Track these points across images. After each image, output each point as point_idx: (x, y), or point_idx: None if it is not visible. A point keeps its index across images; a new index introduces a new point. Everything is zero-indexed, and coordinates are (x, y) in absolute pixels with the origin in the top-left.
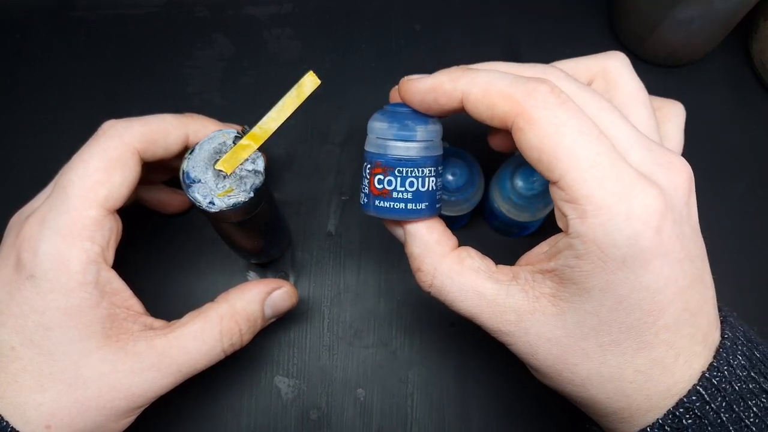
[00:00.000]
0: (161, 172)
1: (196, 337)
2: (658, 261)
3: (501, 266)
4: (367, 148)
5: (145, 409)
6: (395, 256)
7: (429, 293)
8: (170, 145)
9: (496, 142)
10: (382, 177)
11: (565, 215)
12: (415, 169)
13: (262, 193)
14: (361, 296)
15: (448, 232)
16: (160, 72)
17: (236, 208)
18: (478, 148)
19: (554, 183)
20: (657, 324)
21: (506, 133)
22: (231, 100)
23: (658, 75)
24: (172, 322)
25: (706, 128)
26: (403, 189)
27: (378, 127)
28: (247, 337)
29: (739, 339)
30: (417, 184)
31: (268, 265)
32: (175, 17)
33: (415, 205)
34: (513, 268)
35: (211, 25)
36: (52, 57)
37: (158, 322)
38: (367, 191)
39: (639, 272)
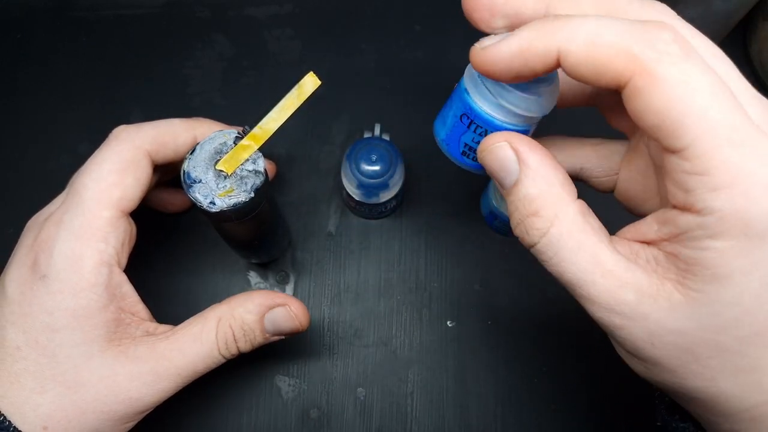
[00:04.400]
0: (165, 172)
1: (195, 339)
2: None
3: (615, 237)
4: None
5: None
6: (395, 256)
7: (532, 248)
8: (179, 147)
9: (619, 123)
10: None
11: (688, 190)
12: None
13: (262, 193)
14: (361, 296)
15: (570, 178)
16: (160, 72)
17: (237, 208)
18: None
19: (676, 152)
20: None
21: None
22: (231, 101)
23: None
24: (178, 326)
25: None
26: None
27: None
28: (242, 345)
29: None
30: None
31: (268, 265)
32: (175, 17)
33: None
34: (632, 244)
35: (211, 25)
36: (52, 57)
37: (162, 328)
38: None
39: None
